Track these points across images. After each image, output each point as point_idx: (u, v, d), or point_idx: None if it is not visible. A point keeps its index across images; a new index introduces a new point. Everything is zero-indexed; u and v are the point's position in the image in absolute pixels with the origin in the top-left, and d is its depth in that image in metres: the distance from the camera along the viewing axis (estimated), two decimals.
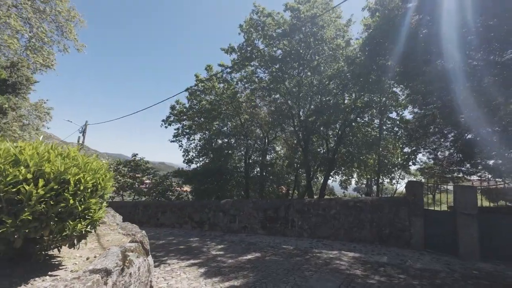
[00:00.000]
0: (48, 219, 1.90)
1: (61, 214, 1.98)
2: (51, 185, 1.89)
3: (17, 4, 20.86)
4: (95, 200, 2.19)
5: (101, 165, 2.50)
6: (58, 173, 1.96)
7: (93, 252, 2.71)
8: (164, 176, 14.95)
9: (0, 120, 16.31)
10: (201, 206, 8.77)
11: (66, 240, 2.10)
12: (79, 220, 2.08)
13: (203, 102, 15.00)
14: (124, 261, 2.34)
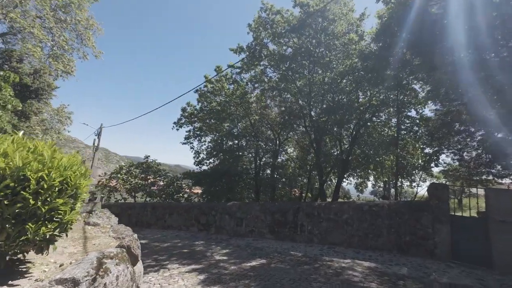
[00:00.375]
0: (3, 221, 1.69)
1: (20, 215, 1.77)
2: (5, 182, 1.68)
3: (41, 15, 22.06)
4: (63, 200, 1.96)
5: (73, 161, 2.24)
6: (16, 169, 1.74)
7: (73, 258, 2.49)
8: (174, 177, 14.95)
9: (23, 124, 17.21)
10: (207, 208, 8.54)
11: (28, 245, 1.88)
12: (42, 222, 1.86)
13: (212, 103, 14.91)
14: (99, 269, 2.07)
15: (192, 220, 8.82)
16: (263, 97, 15.02)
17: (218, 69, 14.93)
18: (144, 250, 6.68)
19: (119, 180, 14.42)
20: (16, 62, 18.46)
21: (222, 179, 12.82)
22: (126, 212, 10.90)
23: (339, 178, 14.23)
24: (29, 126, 17.69)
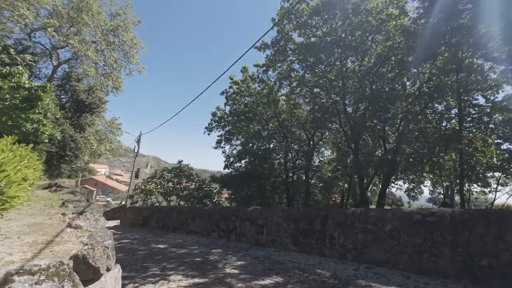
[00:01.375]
0: None
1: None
2: None
3: (95, 40, 25.00)
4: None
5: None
6: None
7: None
8: (202, 181, 14.88)
9: (78, 134, 19.55)
10: (228, 213, 7.89)
11: None
12: None
13: (240, 105, 14.53)
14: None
15: (213, 226, 8.27)
16: (292, 95, 14.03)
17: (244, 70, 14.54)
18: (157, 256, 6.33)
19: (152, 184, 14.97)
20: (75, 81, 21.28)
21: (249, 182, 12.15)
22: (155, 215, 11.01)
23: (384, 182, 12.21)
24: (83, 136, 20.03)
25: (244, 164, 14.22)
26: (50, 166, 18.58)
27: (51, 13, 21.06)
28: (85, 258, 2.37)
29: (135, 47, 29.82)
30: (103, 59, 26.43)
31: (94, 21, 23.37)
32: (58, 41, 22.67)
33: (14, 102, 8.01)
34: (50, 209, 4.23)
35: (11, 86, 7.38)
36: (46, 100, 8.21)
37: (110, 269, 2.78)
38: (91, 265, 2.40)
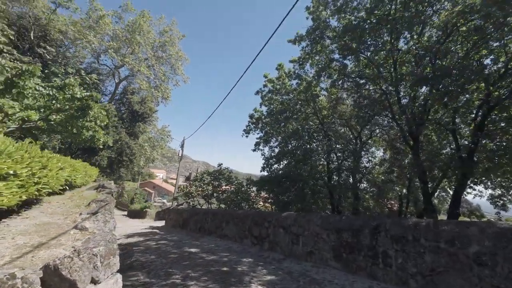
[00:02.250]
0: None
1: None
2: None
3: (147, 57, 27.73)
4: None
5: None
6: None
7: None
8: (240, 184, 14.54)
9: (132, 141, 21.77)
10: (260, 218, 7.21)
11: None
12: None
13: (276, 104, 13.83)
14: None
15: (246, 232, 7.68)
16: (333, 89, 12.65)
17: (280, 67, 13.83)
18: (185, 261, 6.02)
19: (193, 186, 15.35)
20: (130, 94, 23.94)
21: (288, 185, 11.24)
22: (193, 218, 11.06)
23: (458, 186, 9.80)
24: (137, 143, 22.24)
25: (282, 166, 13.36)
26: (112, 170, 21.01)
27: (111, 38, 24.31)
28: (57, 269, 1.99)
29: (180, 60, 32.32)
30: (153, 73, 29.31)
31: (145, 39, 26.07)
32: (117, 61, 26.05)
33: (71, 112, 9.01)
34: (76, 208, 4.22)
35: (67, 98, 8.31)
36: (95, 108, 9.01)
37: (99, 281, 2.36)
38: (65, 277, 2.01)
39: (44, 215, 3.57)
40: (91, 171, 11.08)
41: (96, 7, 23.60)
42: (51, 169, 3.36)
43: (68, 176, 4.61)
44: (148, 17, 26.53)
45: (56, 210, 4.01)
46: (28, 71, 6.86)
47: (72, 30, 21.40)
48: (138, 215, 30.92)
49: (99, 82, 24.64)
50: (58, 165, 3.81)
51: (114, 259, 2.85)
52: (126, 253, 7.36)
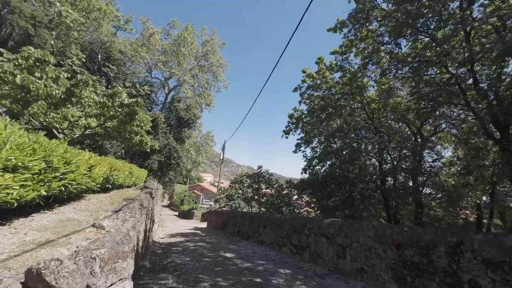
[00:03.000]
0: None
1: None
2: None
3: (191, 68, 29.47)
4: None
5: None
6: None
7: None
8: (281, 187, 13.79)
9: (179, 145, 23.20)
10: (299, 225, 6.41)
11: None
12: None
13: (316, 100, 12.75)
14: None
15: (284, 239, 6.95)
16: (383, 79, 10.99)
17: (319, 60, 12.78)
18: (218, 267, 5.63)
19: (232, 189, 15.27)
20: (176, 102, 25.78)
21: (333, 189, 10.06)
22: (232, 221, 10.81)
23: None
24: (183, 148, 23.65)
25: (325, 167, 12.14)
26: (162, 172, 22.72)
27: (161, 52, 26.75)
28: (40, 274, 1.70)
29: (221, 67, 33.64)
30: (197, 81, 31.10)
31: (189, 50, 27.89)
32: (166, 73, 28.50)
33: (121, 118, 9.81)
34: (109, 206, 4.23)
35: (117, 104, 9.06)
36: (140, 113, 9.60)
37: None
38: (49, 284, 1.71)
39: (74, 212, 3.58)
40: (140, 172, 11.86)
41: (148, 27, 26.26)
42: (78, 165, 3.32)
43: (104, 174, 4.70)
44: (191, 30, 28.33)
45: (89, 207, 4.04)
46: (82, 81, 7.66)
47: (129, 50, 24.20)
48: (186, 216, 32.86)
49: (151, 93, 27.19)
50: (88, 162, 3.83)
51: (123, 263, 2.55)
52: (165, 253, 7.44)
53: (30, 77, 6.77)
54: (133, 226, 3.23)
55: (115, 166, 6.07)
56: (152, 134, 18.71)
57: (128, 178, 8.27)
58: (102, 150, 17.99)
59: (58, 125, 9.26)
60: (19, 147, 2.26)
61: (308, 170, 13.04)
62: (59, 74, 7.67)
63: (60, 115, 8.67)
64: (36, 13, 13.66)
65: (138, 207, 3.97)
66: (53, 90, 7.29)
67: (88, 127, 10.59)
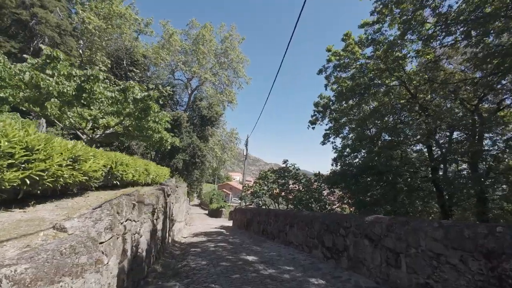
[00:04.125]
0: None
1: None
2: None
3: (212, 67, 29.36)
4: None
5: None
6: None
7: None
8: (309, 181, 12.51)
9: (203, 144, 23.05)
10: (333, 223, 5.25)
11: None
12: None
13: (344, 82, 11.20)
14: None
15: (315, 239, 5.85)
16: (427, 48, 9.13)
17: (346, 36, 11.22)
18: (235, 274, 4.74)
19: (257, 185, 14.42)
20: (199, 100, 25.75)
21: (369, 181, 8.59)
22: (256, 219, 9.95)
23: None
24: (207, 145, 23.48)
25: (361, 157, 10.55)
26: (188, 171, 22.82)
27: (180, 52, 26.96)
28: None
29: (241, 62, 32.99)
30: (218, 79, 30.87)
31: (209, 48, 27.69)
32: (187, 73, 28.70)
33: (137, 114, 9.53)
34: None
35: (130, 99, 8.76)
36: (154, 108, 9.20)
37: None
38: None
39: (51, 210, 2.98)
40: (161, 170, 11.57)
41: (168, 29, 26.61)
42: (50, 154, 2.69)
43: (102, 168, 4.12)
44: (210, 27, 28.09)
45: (76, 205, 3.45)
46: (92, 75, 7.41)
47: (151, 53, 24.71)
48: (215, 214, 33.03)
49: (175, 95, 27.55)
50: (72, 152, 3.21)
51: (74, 281, 1.77)
52: (183, 254, 6.84)
53: (39, 74, 6.63)
54: (109, 227, 2.48)
55: (122, 161, 5.53)
56: (175, 133, 18.73)
57: (144, 175, 7.83)
58: (130, 151, 18.42)
59: (78, 125, 9.27)
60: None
61: (339, 161, 11.60)
62: (71, 71, 7.51)
63: (76, 114, 8.60)
64: (61, 22, 14.37)
65: (128, 203, 3.25)
66: (65, 87, 7.12)
67: (108, 126, 10.54)
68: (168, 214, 7.65)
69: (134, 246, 3.64)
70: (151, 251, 4.91)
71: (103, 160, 4.48)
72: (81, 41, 18.48)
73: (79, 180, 3.76)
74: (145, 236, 4.31)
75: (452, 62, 10.52)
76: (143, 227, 4.13)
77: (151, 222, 4.83)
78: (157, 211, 5.42)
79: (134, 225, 3.64)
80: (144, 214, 4.22)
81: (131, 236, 3.45)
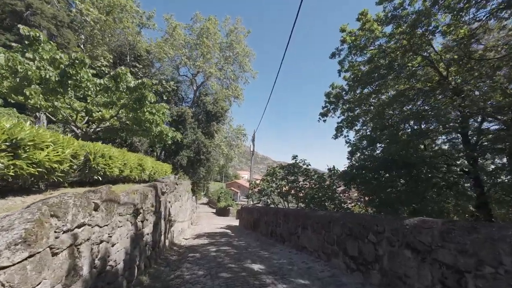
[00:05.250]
0: None
1: None
2: None
3: (217, 62, 28.45)
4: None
5: None
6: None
7: None
8: (322, 178, 11.39)
9: (208, 140, 22.24)
10: (359, 226, 4.20)
11: None
12: None
13: (360, 66, 9.99)
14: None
15: (334, 246, 4.80)
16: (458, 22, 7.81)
17: (362, 15, 9.98)
18: None
19: (265, 182, 13.44)
20: (203, 95, 24.93)
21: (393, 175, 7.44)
22: (263, 219, 8.98)
23: None
24: (212, 142, 22.68)
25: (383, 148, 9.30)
26: (193, 169, 22.08)
27: (183, 45, 26.21)
28: None
29: (247, 56, 31.95)
30: (224, 74, 29.97)
31: (214, 42, 26.80)
32: (192, 68, 27.95)
33: (132, 104, 8.71)
34: None
35: (125, 88, 7.95)
36: (149, 96, 8.36)
37: None
38: None
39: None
40: (161, 166, 10.79)
41: (172, 23, 25.88)
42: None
43: (64, 158, 3.25)
44: (214, 20, 27.19)
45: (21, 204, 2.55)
46: (78, 59, 6.62)
47: (154, 47, 24.05)
48: (222, 213, 32.34)
49: (179, 90, 26.85)
50: (12, 134, 2.34)
51: None
52: (179, 261, 5.96)
53: (17, 56, 5.88)
54: (24, 241, 1.56)
55: (103, 152, 4.67)
56: (179, 130, 17.97)
57: (137, 171, 7.00)
58: (133, 149, 17.78)
59: (69, 118, 8.55)
60: None
61: (356, 153, 10.44)
62: (55, 55, 6.74)
63: (64, 104, 7.85)
64: (57, 13, 13.84)
65: (83, 203, 2.33)
66: (47, 72, 6.35)
67: (103, 119, 9.80)
68: (164, 214, 6.80)
69: (99, 259, 2.75)
70: (135, 260, 4.04)
71: (70, 149, 3.60)
72: (82, 35, 17.95)
73: (29, 173, 2.89)
74: (121, 244, 3.41)
75: (484, 40, 9.13)
76: (116, 233, 3.23)
77: (133, 226, 3.95)
78: (143, 212, 4.54)
79: (99, 232, 2.73)
80: (118, 216, 3.32)
81: (90, 247, 2.55)
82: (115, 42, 22.91)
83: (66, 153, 3.49)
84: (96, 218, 2.67)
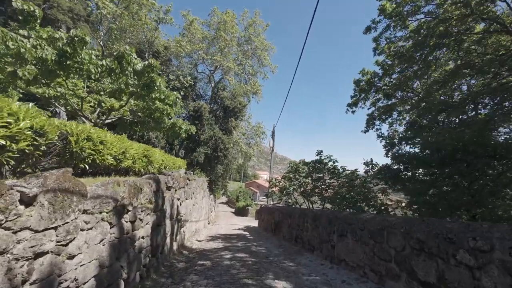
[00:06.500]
0: None
1: None
2: None
3: (235, 56, 27.62)
4: None
5: None
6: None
7: None
8: (353, 175, 9.79)
9: (226, 137, 21.37)
10: (437, 237, 2.79)
11: None
12: None
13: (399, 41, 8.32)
14: None
15: (391, 263, 3.42)
16: None
17: None
18: None
19: (286, 180, 12.13)
20: (221, 90, 24.19)
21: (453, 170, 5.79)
22: (286, 221, 7.73)
23: None
24: (230, 138, 21.78)
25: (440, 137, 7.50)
26: (211, 166, 21.36)
27: (200, 40, 25.68)
28: None
29: (266, 50, 30.76)
30: (242, 69, 29.05)
31: (230, 35, 25.99)
32: (209, 63, 27.37)
33: (141, 91, 7.93)
34: None
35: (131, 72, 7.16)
36: (157, 81, 7.50)
37: None
38: None
39: None
40: (173, 160, 10.00)
41: (189, 18, 25.48)
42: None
43: (38, 136, 2.31)
44: (231, 14, 26.39)
45: None
46: (77, 37, 5.91)
47: (171, 43, 23.76)
48: (241, 213, 31.44)
49: (197, 87, 26.38)
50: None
51: None
52: (185, 270, 4.91)
53: (7, 32, 5.25)
54: None
55: (90, 135, 3.77)
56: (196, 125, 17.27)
57: (141, 163, 6.12)
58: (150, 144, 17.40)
59: (75, 106, 7.98)
60: None
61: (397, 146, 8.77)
62: (53, 34, 6.08)
63: (67, 90, 7.23)
64: (74, 6, 13.83)
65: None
66: (44, 52, 5.69)
67: (112, 109, 9.18)
68: (171, 213, 5.84)
69: (37, 282, 1.74)
70: (118, 272, 3.04)
71: (28, 120, 2.66)
72: (101, 32, 17.96)
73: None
74: (89, 255, 2.40)
75: None
76: (78, 239, 2.22)
77: (115, 228, 2.95)
78: (134, 210, 3.55)
79: (32, 239, 1.72)
80: (83, 215, 2.32)
81: (6, 265, 1.53)
82: (134, 39, 22.94)
83: (21, 125, 2.55)
84: (25, 218, 1.65)
